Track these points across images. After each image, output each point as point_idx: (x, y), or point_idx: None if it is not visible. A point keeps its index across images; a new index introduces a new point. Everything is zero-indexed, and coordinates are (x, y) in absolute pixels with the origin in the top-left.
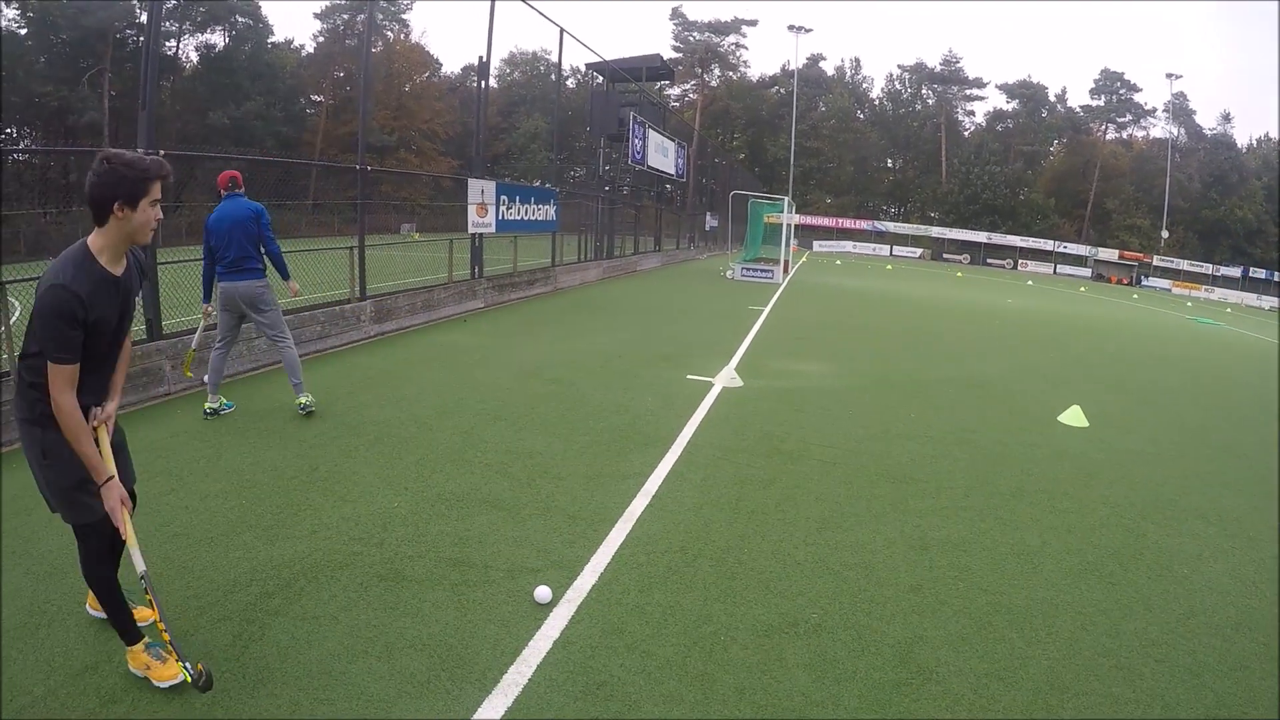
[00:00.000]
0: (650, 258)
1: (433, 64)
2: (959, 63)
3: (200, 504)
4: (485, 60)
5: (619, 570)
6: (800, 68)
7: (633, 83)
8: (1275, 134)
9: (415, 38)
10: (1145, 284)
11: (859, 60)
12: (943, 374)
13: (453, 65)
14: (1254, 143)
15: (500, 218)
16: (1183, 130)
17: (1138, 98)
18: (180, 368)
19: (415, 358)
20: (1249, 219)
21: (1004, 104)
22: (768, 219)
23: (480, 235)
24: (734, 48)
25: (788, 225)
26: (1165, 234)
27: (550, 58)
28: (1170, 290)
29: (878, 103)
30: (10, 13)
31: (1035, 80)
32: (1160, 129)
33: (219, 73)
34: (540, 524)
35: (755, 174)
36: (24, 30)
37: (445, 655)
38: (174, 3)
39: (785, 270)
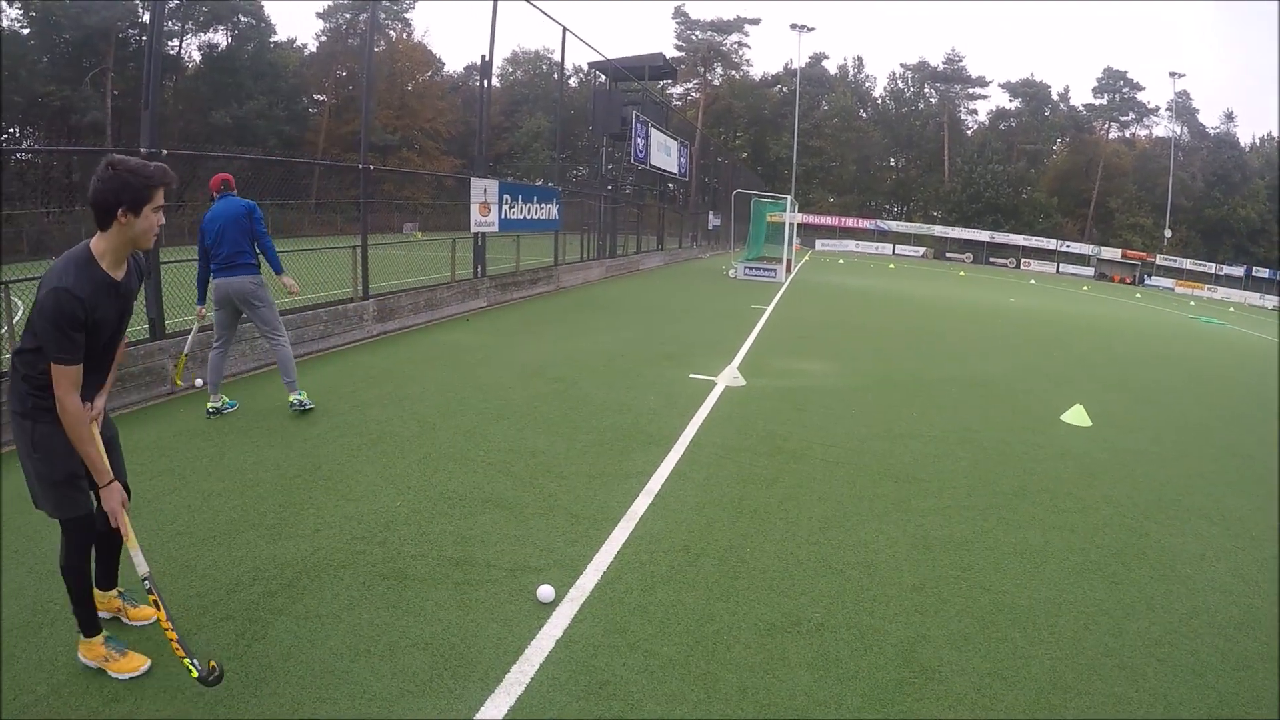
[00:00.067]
0: (653, 257)
1: (435, 63)
2: (962, 61)
3: (203, 503)
4: (488, 59)
5: (622, 569)
6: (803, 66)
7: (635, 81)
8: (1278, 133)
9: (418, 37)
10: (1148, 283)
11: (861, 59)
12: (945, 373)
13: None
14: (1257, 141)
15: (503, 217)
16: (1186, 129)
17: (1141, 96)
18: (172, 375)
19: (418, 357)
20: (1252, 218)
21: (1007, 103)
22: (770, 218)
23: (483, 234)
24: (736, 46)
25: (790, 224)
26: (1168, 233)
27: (553, 57)
28: (1173, 289)
29: (880, 101)
30: (13, 12)
31: (1038, 79)
32: (1163, 128)
33: (221, 72)
34: (543, 523)
35: (758, 173)
36: (27, 30)
37: (448, 654)
38: (177, 2)
39: (788, 269)
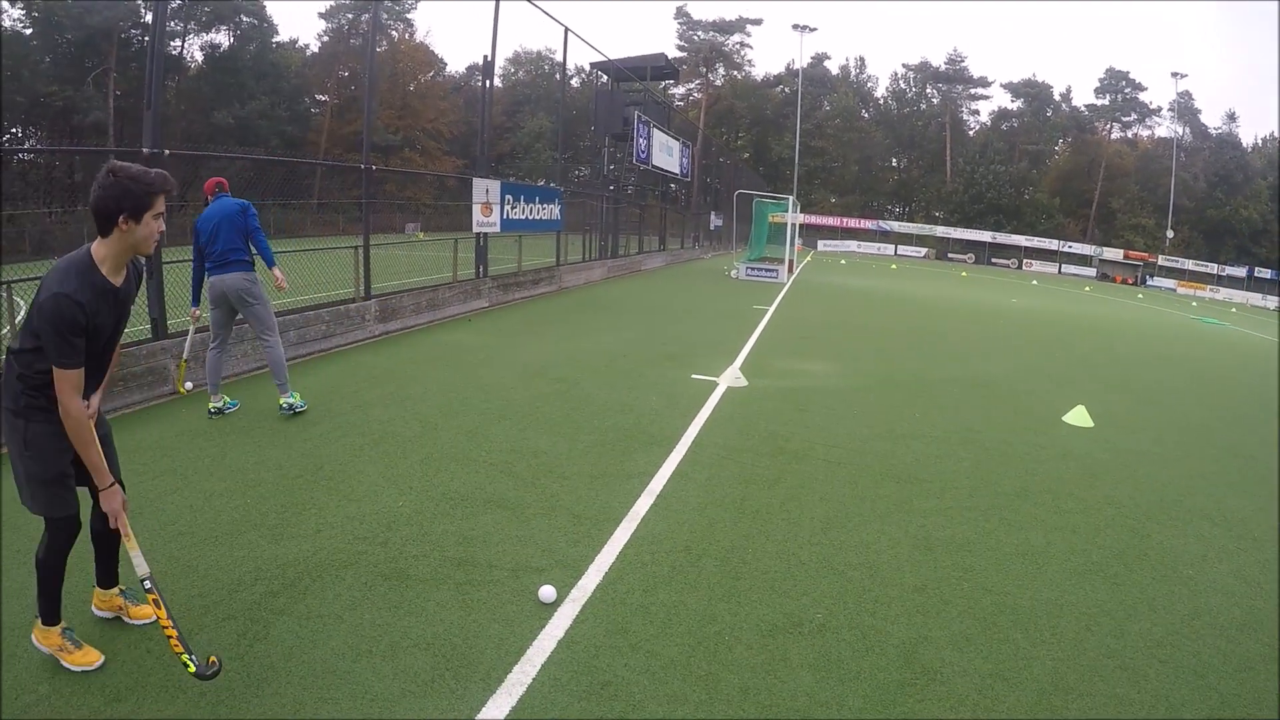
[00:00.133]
0: (655, 257)
1: (437, 63)
2: (964, 62)
3: (204, 503)
4: (490, 59)
5: (623, 570)
6: (805, 67)
7: (637, 82)
8: None
9: (420, 37)
10: (1150, 284)
11: (864, 59)
12: (947, 374)
13: (457, 65)
14: (1259, 142)
15: (505, 217)
16: (1188, 129)
17: (1143, 97)
18: (174, 382)
19: (420, 357)
20: (1254, 219)
21: (1009, 103)
22: (772, 218)
23: (485, 235)
24: (738, 47)
25: (792, 225)
26: (1170, 234)
27: (555, 57)
28: (1175, 290)
29: (882, 102)
30: (15, 12)
31: (1040, 79)
32: (1165, 128)
33: (224, 72)
34: (545, 523)
35: (760, 173)
36: (29, 30)
37: (449, 655)
38: (179, 2)
39: (790, 270)
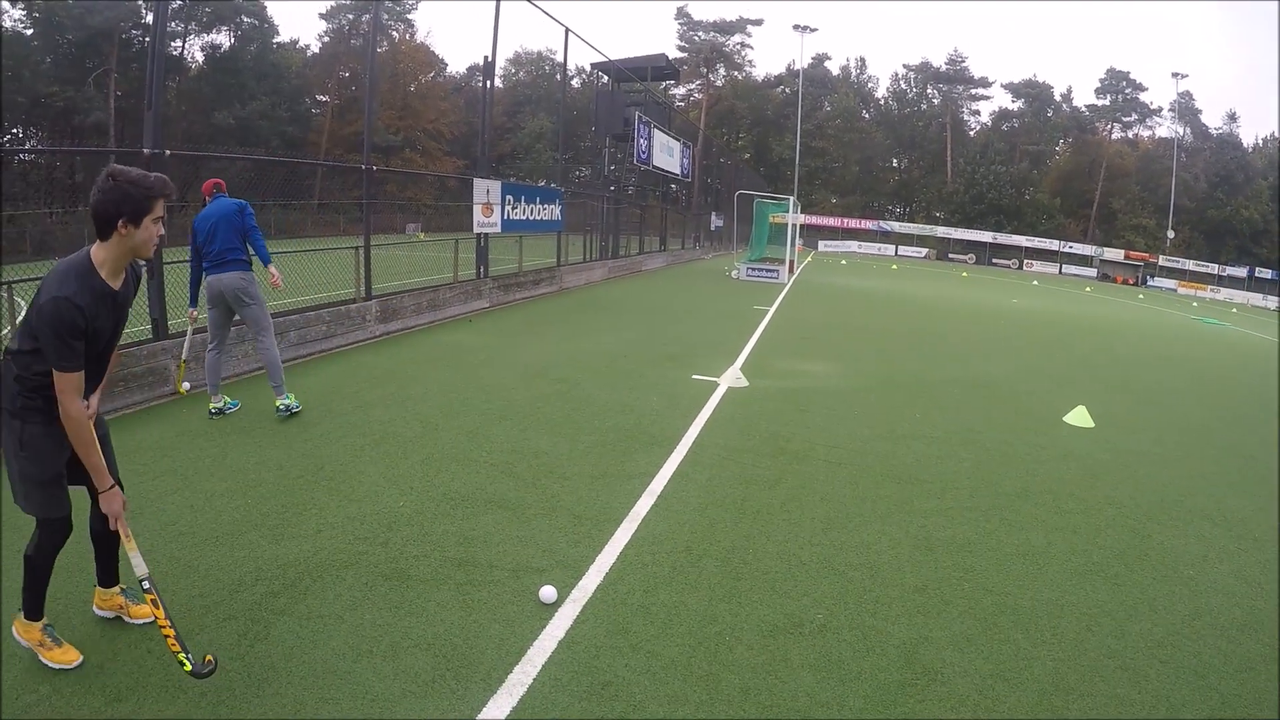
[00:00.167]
0: (655, 258)
1: (438, 64)
2: (964, 62)
3: (205, 503)
4: (490, 60)
5: (624, 570)
6: (805, 67)
7: (638, 82)
8: None
9: (420, 38)
10: (1151, 284)
11: (864, 60)
12: (948, 374)
13: (458, 65)
14: (1260, 142)
15: (505, 218)
16: (1188, 130)
17: (1143, 97)
18: (174, 383)
19: (420, 357)
20: (1255, 219)
21: (1009, 103)
22: (773, 219)
23: (485, 235)
24: (739, 47)
25: (793, 225)
26: (1171, 234)
27: (555, 58)
28: (1176, 290)
29: (883, 102)
30: (16, 13)
31: (1041, 80)
32: (1166, 128)
33: (224, 73)
34: (545, 524)
35: (760, 174)
36: (30, 30)
37: (450, 655)
38: (180, 3)
39: (790, 270)
